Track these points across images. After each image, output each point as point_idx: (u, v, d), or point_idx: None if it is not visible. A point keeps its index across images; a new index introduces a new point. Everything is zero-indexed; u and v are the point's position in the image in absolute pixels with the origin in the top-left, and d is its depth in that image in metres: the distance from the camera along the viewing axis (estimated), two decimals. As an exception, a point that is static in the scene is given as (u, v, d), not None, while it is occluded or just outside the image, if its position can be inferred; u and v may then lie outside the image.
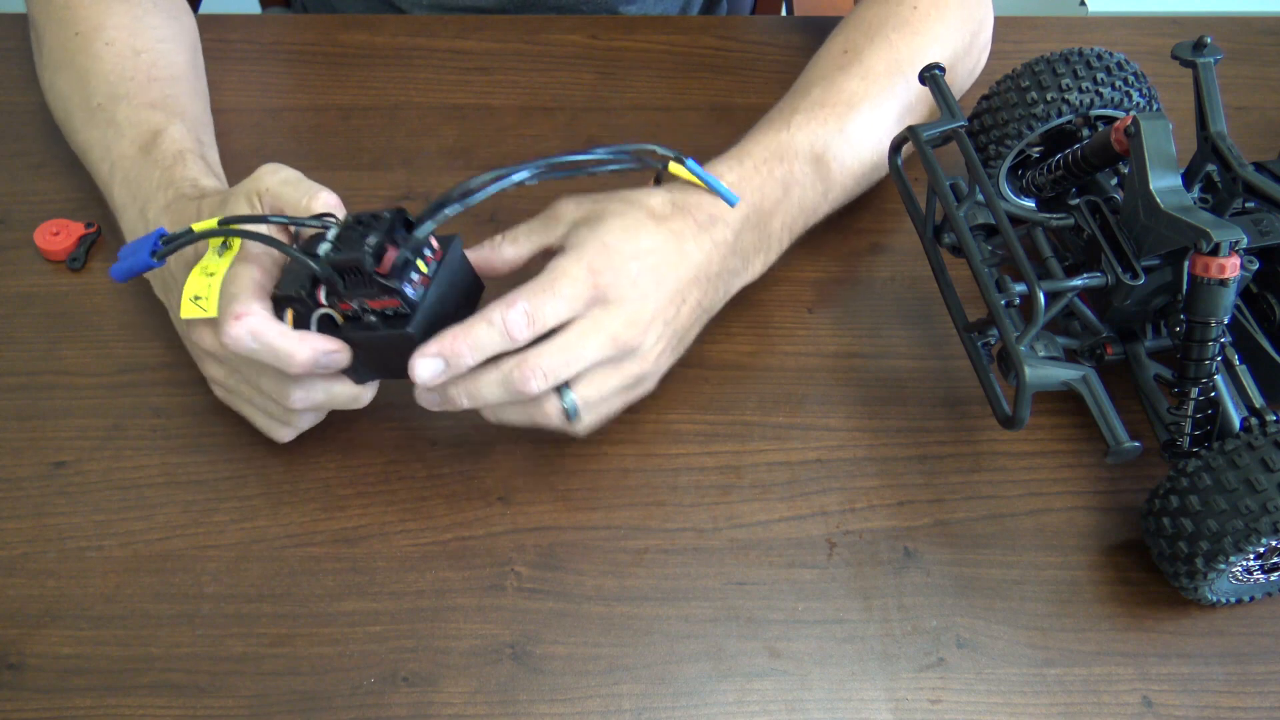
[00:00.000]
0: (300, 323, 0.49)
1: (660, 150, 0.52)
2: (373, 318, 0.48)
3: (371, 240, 0.46)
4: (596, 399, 0.51)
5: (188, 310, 0.49)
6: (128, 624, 0.50)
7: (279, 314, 0.49)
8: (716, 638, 0.51)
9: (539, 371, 0.49)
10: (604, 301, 0.50)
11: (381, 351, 0.49)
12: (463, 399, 0.50)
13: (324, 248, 0.47)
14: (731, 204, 0.55)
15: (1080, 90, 0.57)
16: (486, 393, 0.50)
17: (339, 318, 0.49)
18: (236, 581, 0.52)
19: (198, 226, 0.50)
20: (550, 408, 0.50)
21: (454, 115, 0.71)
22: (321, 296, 0.48)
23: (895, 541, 0.54)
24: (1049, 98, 0.58)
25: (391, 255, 0.47)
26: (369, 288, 0.47)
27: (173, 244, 0.50)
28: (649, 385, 0.54)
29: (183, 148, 0.58)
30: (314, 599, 0.51)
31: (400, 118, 0.71)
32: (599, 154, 0.51)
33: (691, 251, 0.53)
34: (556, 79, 0.73)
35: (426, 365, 0.48)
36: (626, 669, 0.50)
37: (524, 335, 0.49)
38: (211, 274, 0.50)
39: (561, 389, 0.50)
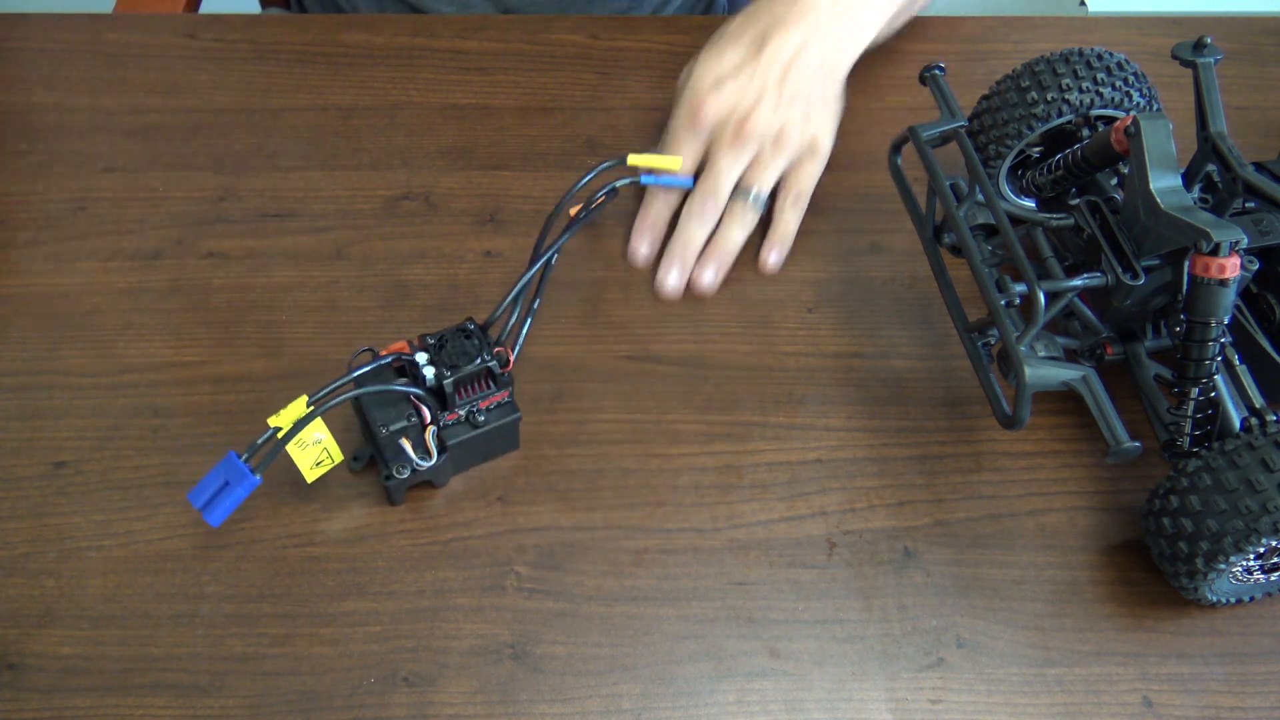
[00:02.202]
0: (416, 442, 0.51)
1: (620, 183, 0.60)
2: (482, 416, 0.53)
3: (486, 352, 0.51)
4: (769, 180, 0.61)
5: (315, 475, 0.51)
6: (128, 624, 0.50)
7: (393, 450, 0.51)
8: (716, 638, 0.51)
9: (719, 189, 0.60)
10: (715, 124, 0.60)
11: (487, 440, 0.54)
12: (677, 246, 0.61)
13: (430, 371, 0.50)
14: (689, 187, 0.62)
15: (1080, 90, 0.57)
16: (693, 232, 0.61)
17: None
18: (236, 581, 0.52)
19: (277, 421, 0.48)
20: (737, 211, 0.60)
21: (454, 115, 0.71)
22: (427, 415, 0.51)
23: (895, 541, 0.54)
24: (1049, 98, 0.58)
25: (511, 355, 0.52)
26: (484, 390, 0.52)
27: (269, 455, 0.48)
28: (810, 154, 0.62)
29: None
30: (314, 599, 0.51)
31: (400, 118, 0.71)
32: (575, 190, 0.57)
33: (775, 36, 0.60)
34: (556, 79, 0.73)
35: (643, 253, 0.62)
36: (626, 669, 0.50)
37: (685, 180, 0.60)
38: (319, 440, 0.50)
39: (748, 193, 0.61)
